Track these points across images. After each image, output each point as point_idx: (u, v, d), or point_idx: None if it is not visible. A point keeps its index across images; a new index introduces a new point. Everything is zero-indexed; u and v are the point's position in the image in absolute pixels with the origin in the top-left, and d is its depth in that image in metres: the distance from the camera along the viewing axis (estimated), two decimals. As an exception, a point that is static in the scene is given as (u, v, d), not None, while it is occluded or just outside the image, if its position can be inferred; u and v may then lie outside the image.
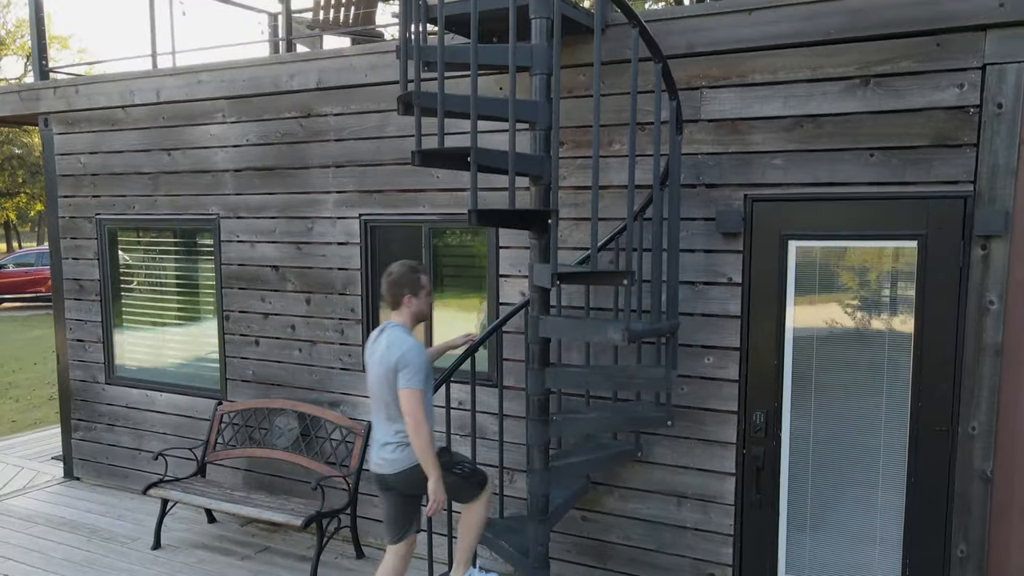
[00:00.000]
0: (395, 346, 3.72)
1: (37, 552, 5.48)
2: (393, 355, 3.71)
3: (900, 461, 3.92)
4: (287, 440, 5.58)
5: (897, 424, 3.91)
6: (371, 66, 5.11)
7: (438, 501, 3.72)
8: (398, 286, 3.84)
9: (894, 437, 3.93)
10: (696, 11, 4.11)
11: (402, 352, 3.69)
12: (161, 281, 6.35)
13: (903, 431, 3.89)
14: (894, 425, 3.92)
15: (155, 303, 6.41)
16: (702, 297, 4.27)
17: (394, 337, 3.76)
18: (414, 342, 3.74)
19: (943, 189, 3.71)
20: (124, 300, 6.55)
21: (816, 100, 3.94)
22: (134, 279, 6.48)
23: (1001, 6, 3.48)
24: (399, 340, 3.73)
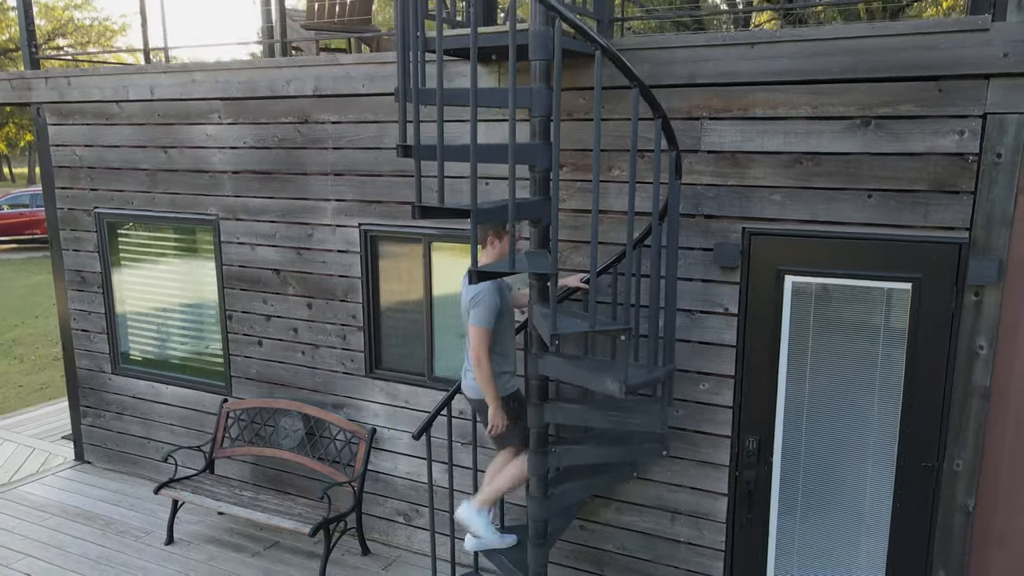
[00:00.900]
0: (471, 286, 3.94)
1: (55, 547, 5.69)
2: (469, 293, 3.98)
3: (887, 492, 4.07)
4: (292, 441, 5.73)
5: (885, 457, 4.04)
6: (368, 76, 5.05)
7: (495, 426, 4.09)
8: (486, 226, 4.00)
9: (882, 469, 4.07)
10: (699, 41, 4.06)
11: (475, 292, 3.94)
12: (164, 276, 6.40)
13: (891, 464, 4.03)
14: (882, 458, 4.05)
15: (159, 298, 6.47)
16: (699, 325, 4.35)
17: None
18: (488, 284, 3.95)
19: (939, 235, 3.75)
20: (127, 293, 6.61)
21: (816, 138, 3.93)
22: (136, 274, 6.53)
23: (1005, 56, 3.45)
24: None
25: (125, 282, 6.59)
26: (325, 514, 5.18)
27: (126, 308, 6.63)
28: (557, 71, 3.24)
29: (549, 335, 3.43)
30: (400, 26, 3.62)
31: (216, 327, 6.18)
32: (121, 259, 6.56)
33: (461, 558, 5.30)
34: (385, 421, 5.49)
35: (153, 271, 6.44)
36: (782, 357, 4.18)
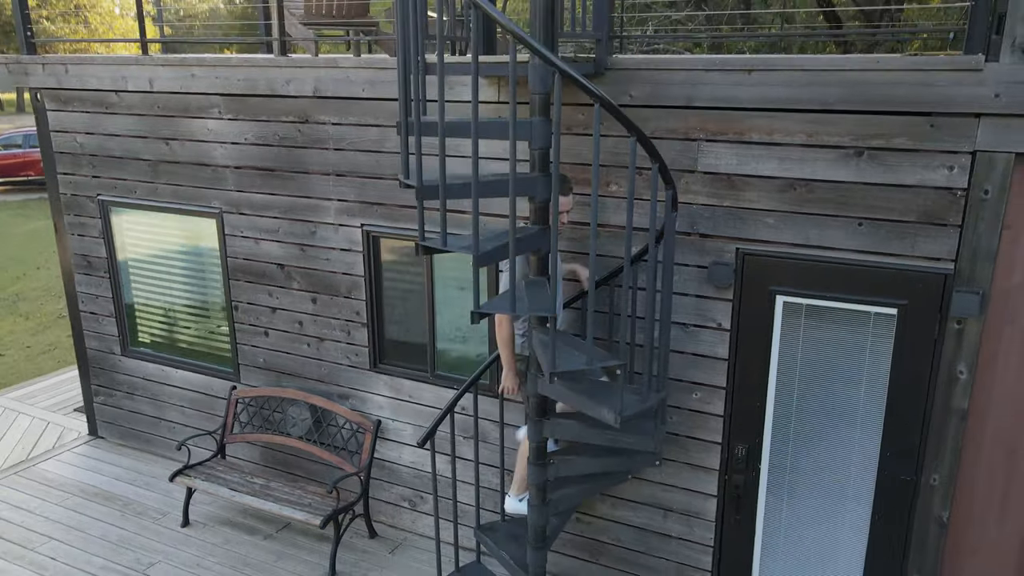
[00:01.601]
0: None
1: (76, 529, 5.97)
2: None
3: (867, 501, 4.30)
4: (300, 429, 5.95)
5: (867, 469, 4.26)
6: (369, 81, 5.08)
7: (505, 388, 4.36)
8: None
9: (863, 480, 4.29)
10: (697, 65, 4.09)
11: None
12: (170, 264, 6.51)
13: (872, 476, 4.25)
14: (864, 469, 4.27)
15: (165, 285, 6.60)
16: (693, 338, 4.51)
17: None
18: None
19: (925, 265, 3.88)
20: (134, 279, 6.73)
21: (810, 165, 4.01)
22: (142, 261, 6.64)
23: (996, 96, 3.52)
24: None
25: (131, 268, 6.71)
26: (334, 505, 5.44)
27: (133, 293, 6.77)
28: (556, 133, 3.30)
29: (548, 371, 3.58)
30: (401, 60, 3.67)
31: (223, 316, 6.33)
32: (127, 246, 6.66)
33: (464, 542, 5.58)
34: (390, 413, 5.70)
35: (159, 258, 6.55)
36: (772, 371, 4.35)
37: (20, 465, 6.92)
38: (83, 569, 5.51)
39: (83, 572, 5.48)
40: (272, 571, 5.46)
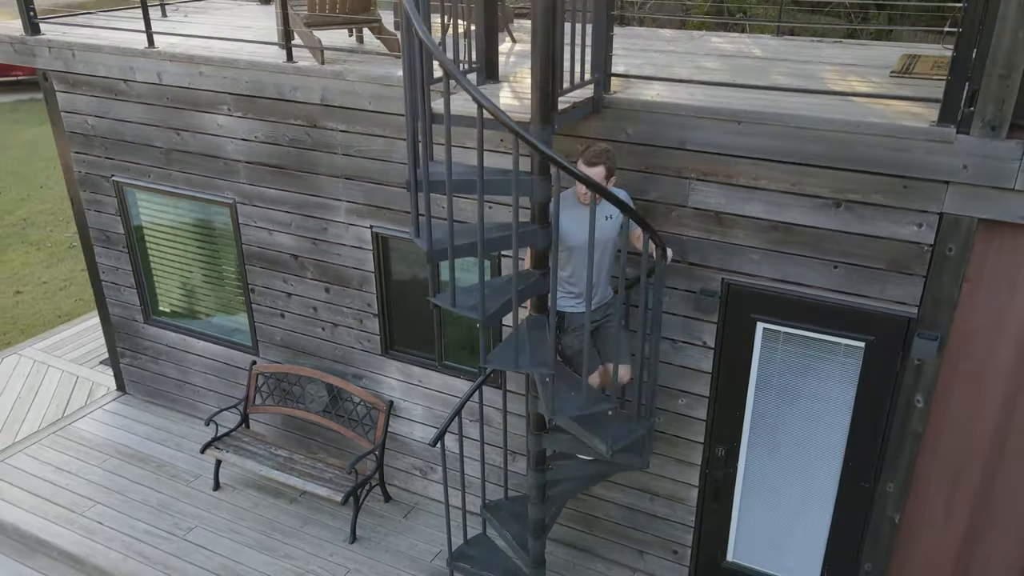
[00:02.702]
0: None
1: (118, 493, 6.56)
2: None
3: (830, 501, 4.84)
4: (318, 405, 6.45)
5: (831, 474, 4.78)
6: (374, 95, 5.25)
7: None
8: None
9: (827, 483, 4.81)
10: (689, 112, 4.31)
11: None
12: (188, 244, 6.83)
13: (835, 480, 4.77)
14: (828, 475, 4.79)
15: (184, 262, 6.93)
16: (680, 353, 4.92)
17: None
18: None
19: (892, 307, 4.25)
20: (152, 255, 7.06)
21: (792, 211, 4.31)
22: (161, 240, 6.94)
23: (964, 168, 3.79)
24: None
25: (150, 246, 7.03)
26: (353, 481, 6.00)
27: (153, 269, 7.11)
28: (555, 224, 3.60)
29: (548, 416, 4.02)
30: (410, 122, 3.92)
31: (240, 296, 6.70)
32: (144, 224, 6.95)
33: (470, 507, 6.18)
34: (401, 395, 6.18)
35: (177, 238, 6.86)
36: (751, 386, 4.79)
37: (57, 424, 7.46)
38: (128, 534, 6.13)
39: (128, 537, 6.10)
40: (299, 536, 6.09)
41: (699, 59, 5.61)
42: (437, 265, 4.17)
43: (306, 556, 5.90)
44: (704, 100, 4.35)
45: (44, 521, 6.25)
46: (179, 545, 6.01)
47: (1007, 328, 4.04)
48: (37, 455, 7.03)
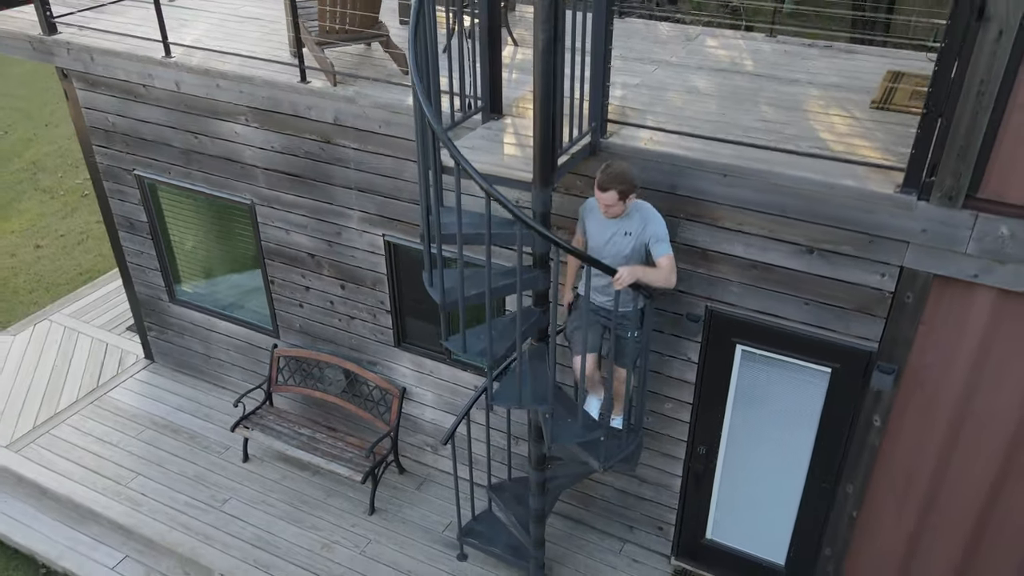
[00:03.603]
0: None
1: (157, 464, 7.22)
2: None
3: (796, 496, 5.46)
4: (336, 388, 7.02)
5: (798, 474, 5.38)
6: (385, 120, 5.58)
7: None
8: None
9: (795, 481, 5.42)
10: (680, 161, 4.68)
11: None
12: (210, 234, 7.24)
13: (801, 479, 5.38)
14: (796, 474, 5.39)
15: (207, 250, 7.37)
16: (667, 364, 5.45)
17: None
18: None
19: (856, 341, 4.74)
20: (175, 244, 7.48)
21: (770, 253, 4.75)
22: (184, 230, 7.36)
23: (923, 231, 4.21)
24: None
25: (173, 235, 7.44)
26: (372, 462, 6.63)
27: (177, 255, 7.55)
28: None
29: (548, 443, 4.58)
30: (423, 185, 4.33)
31: (261, 286, 7.16)
32: (166, 214, 7.35)
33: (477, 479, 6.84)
34: (413, 382, 6.74)
35: (199, 229, 7.27)
36: (729, 397, 5.34)
37: (94, 394, 8.06)
38: (170, 505, 6.82)
39: (170, 508, 6.79)
40: (324, 507, 6.78)
41: (692, 75, 5.88)
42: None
43: (330, 527, 6.59)
44: (693, 151, 4.70)
45: (94, 493, 6.93)
46: (216, 516, 6.71)
47: (955, 365, 4.54)
48: (79, 426, 7.66)
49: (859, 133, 4.92)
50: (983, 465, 4.75)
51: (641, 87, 5.69)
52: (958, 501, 4.93)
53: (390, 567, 6.25)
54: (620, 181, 4.35)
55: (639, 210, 4.56)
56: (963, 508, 4.93)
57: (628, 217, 4.53)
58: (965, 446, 4.75)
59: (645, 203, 4.59)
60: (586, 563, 6.28)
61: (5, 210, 12.75)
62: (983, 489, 4.81)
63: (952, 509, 4.98)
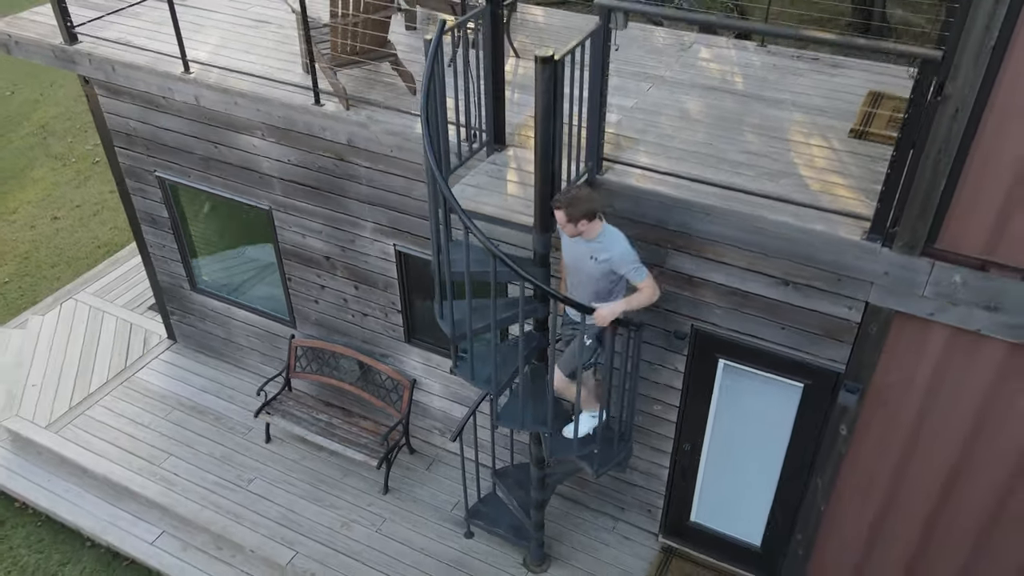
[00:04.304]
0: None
1: (186, 446, 7.82)
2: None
3: (772, 489, 6.05)
4: (351, 376, 7.57)
5: (774, 470, 5.96)
6: (396, 145, 5.96)
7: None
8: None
9: (771, 476, 6.00)
10: (668, 200, 5.10)
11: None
12: (230, 232, 7.68)
13: (776, 475, 5.96)
14: (772, 470, 5.97)
15: (227, 245, 7.81)
16: (656, 372, 5.97)
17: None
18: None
19: (825, 363, 5.25)
20: (196, 239, 7.92)
21: (749, 283, 5.21)
22: (206, 229, 7.79)
23: (885, 274, 4.67)
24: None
25: (195, 233, 7.88)
26: (385, 448, 7.22)
27: (198, 249, 8.00)
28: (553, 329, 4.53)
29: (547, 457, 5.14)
30: (433, 227, 4.78)
31: (279, 280, 7.63)
32: (187, 213, 7.77)
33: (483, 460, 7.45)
34: (422, 374, 7.28)
35: (220, 225, 7.70)
36: (712, 403, 5.88)
37: (122, 375, 8.62)
38: (200, 484, 7.44)
39: (201, 488, 7.41)
40: (342, 487, 7.40)
41: (684, 96, 6.21)
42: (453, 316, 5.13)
43: (349, 506, 7.23)
44: (681, 189, 5.10)
45: (130, 472, 7.55)
46: (244, 496, 7.34)
47: (913, 388, 5.06)
48: (111, 407, 8.25)
49: (836, 168, 5.31)
50: (935, 470, 5.31)
51: (635, 110, 6.05)
52: (913, 499, 5.52)
53: (404, 544, 6.91)
54: (568, 204, 4.55)
55: (606, 236, 4.76)
56: (917, 505, 5.52)
57: (598, 242, 4.76)
58: (920, 454, 5.30)
59: (613, 230, 4.80)
60: (581, 540, 6.93)
61: (20, 178, 13.10)
62: (935, 490, 5.39)
63: (908, 506, 5.57)
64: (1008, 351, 4.63)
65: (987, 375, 4.77)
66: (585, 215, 4.61)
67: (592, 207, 4.64)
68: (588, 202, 4.61)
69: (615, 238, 4.80)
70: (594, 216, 4.68)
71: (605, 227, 4.80)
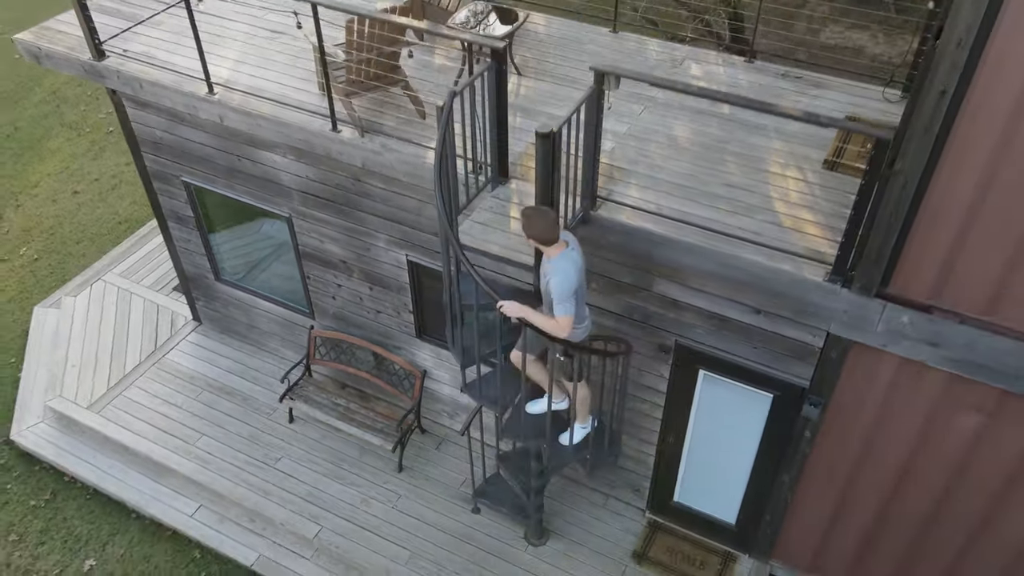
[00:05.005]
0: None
1: (217, 426, 8.58)
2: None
3: (744, 479, 6.82)
4: (367, 365, 8.27)
5: (746, 466, 6.71)
6: (408, 172, 6.50)
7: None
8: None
9: (744, 470, 6.76)
10: (653, 237, 5.69)
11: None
12: (253, 231, 8.26)
13: (748, 469, 6.72)
14: (745, 465, 6.73)
15: (250, 243, 8.40)
16: (643, 377, 6.66)
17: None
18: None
19: (792, 378, 5.94)
20: (221, 236, 8.52)
21: (727, 309, 5.86)
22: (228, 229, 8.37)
23: (844, 311, 5.31)
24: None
25: (219, 230, 8.46)
26: (399, 433, 7.97)
27: (221, 245, 8.60)
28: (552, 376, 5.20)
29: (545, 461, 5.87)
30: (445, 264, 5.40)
31: (298, 275, 8.26)
32: (210, 212, 8.34)
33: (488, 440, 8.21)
34: (432, 366, 7.98)
35: (241, 227, 8.28)
36: (694, 406, 6.60)
37: (153, 356, 9.32)
38: (232, 463, 8.23)
39: (233, 466, 8.20)
40: (360, 465, 8.19)
41: (673, 120, 6.71)
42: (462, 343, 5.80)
43: (367, 484, 8.03)
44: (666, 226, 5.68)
45: (167, 451, 8.32)
46: (272, 473, 8.13)
47: (867, 403, 5.76)
48: (146, 387, 8.97)
49: (807, 202, 5.87)
50: (885, 471, 6.06)
51: (628, 137, 6.56)
52: (867, 493, 6.29)
53: (418, 519, 7.73)
54: (526, 221, 4.94)
55: (558, 262, 5.01)
56: (870, 499, 6.29)
57: (551, 264, 5.05)
58: (873, 458, 6.04)
59: (567, 260, 5.04)
60: (576, 515, 7.74)
61: (38, 149, 13.54)
62: (885, 488, 6.15)
63: (862, 498, 6.34)
64: (947, 379, 5.31)
65: (929, 398, 5.47)
66: (533, 237, 4.98)
67: (536, 234, 4.94)
68: (536, 228, 4.93)
69: (562, 268, 5.00)
70: (545, 243, 4.99)
71: (564, 253, 5.06)
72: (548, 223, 4.96)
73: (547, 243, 5.02)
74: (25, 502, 8.31)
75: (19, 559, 7.87)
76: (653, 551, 7.48)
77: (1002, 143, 4.29)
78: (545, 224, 4.96)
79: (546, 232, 4.96)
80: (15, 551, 7.93)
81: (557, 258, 5.05)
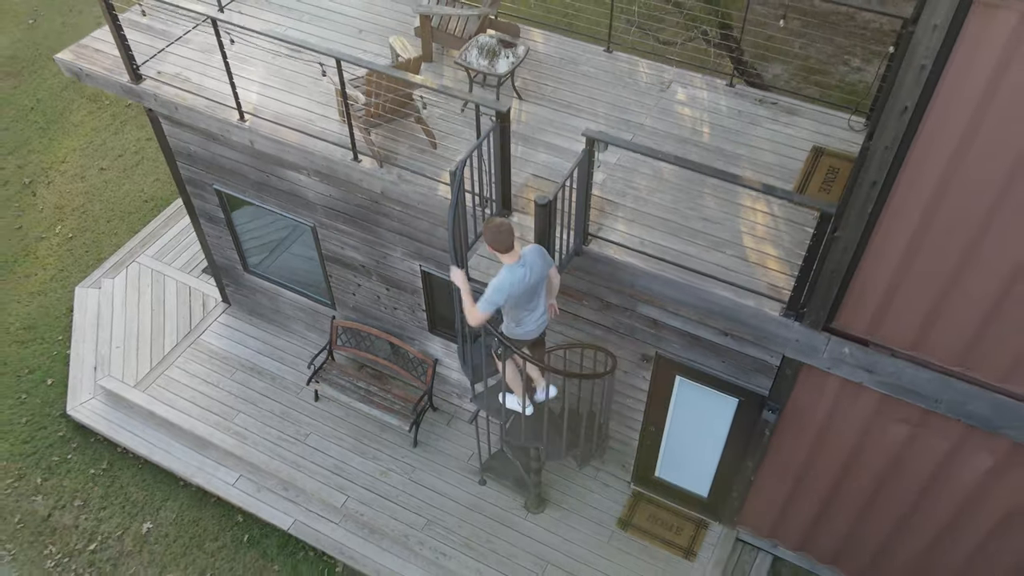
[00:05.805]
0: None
1: (251, 404, 9.63)
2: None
3: (715, 462, 7.90)
4: (384, 353, 9.27)
5: (717, 452, 7.78)
6: (422, 199, 7.35)
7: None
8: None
9: (714, 455, 7.83)
10: (636, 271, 6.59)
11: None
12: (279, 232, 9.13)
13: (719, 454, 7.79)
14: (715, 451, 7.80)
15: (276, 242, 9.28)
16: (628, 378, 7.67)
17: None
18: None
19: (755, 387, 6.94)
20: (249, 237, 9.39)
21: (700, 330, 6.81)
22: (258, 231, 9.23)
23: (796, 340, 6.27)
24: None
25: (247, 231, 9.33)
26: (415, 414, 9.03)
27: (250, 244, 9.48)
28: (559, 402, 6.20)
29: (542, 458, 6.93)
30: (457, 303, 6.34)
31: (320, 272, 9.17)
32: (239, 218, 9.19)
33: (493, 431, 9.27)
34: (443, 355, 8.98)
35: (271, 223, 9.14)
36: (671, 404, 7.63)
37: (189, 337, 10.30)
38: (267, 439, 9.31)
39: (268, 441, 9.29)
40: (381, 440, 9.28)
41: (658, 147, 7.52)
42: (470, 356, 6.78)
43: (387, 458, 9.13)
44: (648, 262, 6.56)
45: (208, 428, 9.39)
46: (302, 448, 9.22)
47: (817, 411, 6.77)
48: (185, 367, 9.99)
49: (772, 236, 6.75)
50: (832, 462, 7.12)
51: (617, 168, 7.37)
52: (816, 479, 7.37)
53: (431, 490, 8.86)
54: (485, 226, 5.70)
55: (502, 269, 5.74)
56: (819, 483, 7.38)
57: (502, 269, 5.76)
58: (822, 453, 7.10)
59: (507, 272, 5.72)
60: (570, 486, 8.86)
61: (61, 123, 14.19)
62: (832, 475, 7.23)
63: (812, 482, 7.43)
64: (880, 398, 6.31)
65: (866, 411, 6.48)
66: (488, 244, 5.66)
67: (488, 242, 5.64)
68: (487, 237, 5.64)
69: (503, 275, 5.74)
70: (497, 250, 5.67)
71: (512, 265, 5.74)
72: (493, 234, 5.63)
73: (498, 251, 5.69)
74: (85, 471, 9.43)
75: (85, 522, 9.03)
76: (636, 518, 8.63)
77: (929, 210, 5.05)
78: (492, 235, 5.64)
79: (494, 242, 5.65)
80: (81, 515, 9.09)
81: (506, 266, 5.77)
